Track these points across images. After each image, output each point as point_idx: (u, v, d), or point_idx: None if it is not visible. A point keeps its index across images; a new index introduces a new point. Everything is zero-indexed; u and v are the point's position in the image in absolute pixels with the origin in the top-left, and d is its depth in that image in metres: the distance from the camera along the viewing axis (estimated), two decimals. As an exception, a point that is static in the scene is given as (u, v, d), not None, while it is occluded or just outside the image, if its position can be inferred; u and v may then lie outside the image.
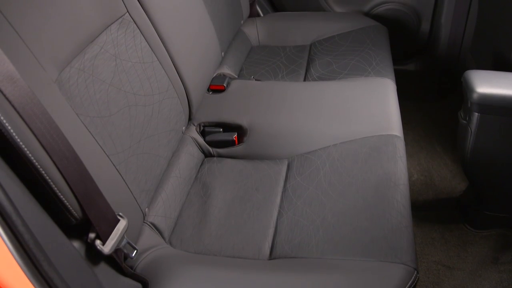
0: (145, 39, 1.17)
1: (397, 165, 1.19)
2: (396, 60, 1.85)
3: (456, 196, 1.71)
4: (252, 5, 2.04)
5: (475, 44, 1.84)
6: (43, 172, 0.78)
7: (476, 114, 1.25)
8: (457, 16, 1.98)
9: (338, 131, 1.32)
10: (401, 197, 1.11)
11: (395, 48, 1.92)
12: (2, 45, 0.76)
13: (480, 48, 1.74)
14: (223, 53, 1.67)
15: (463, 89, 1.28)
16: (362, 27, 1.91)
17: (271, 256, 1.05)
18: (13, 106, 0.74)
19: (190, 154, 1.31)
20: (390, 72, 1.61)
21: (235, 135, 1.36)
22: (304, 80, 1.68)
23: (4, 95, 0.73)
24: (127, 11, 1.14)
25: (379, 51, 1.74)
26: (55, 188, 0.80)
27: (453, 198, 1.71)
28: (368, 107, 1.39)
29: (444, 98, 2.22)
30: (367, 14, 2.14)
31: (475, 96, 1.21)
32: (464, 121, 1.32)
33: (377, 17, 2.09)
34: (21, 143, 0.74)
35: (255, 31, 1.97)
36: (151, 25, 1.22)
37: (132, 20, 1.14)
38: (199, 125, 1.40)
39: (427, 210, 1.68)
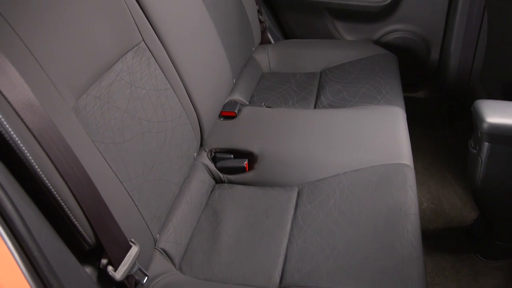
0: (159, 67, 1.20)
1: (407, 194, 1.19)
2: (406, 87, 1.87)
3: (467, 225, 1.70)
4: (263, 32, 2.08)
5: (484, 72, 1.85)
6: (58, 197, 0.80)
7: (486, 144, 1.25)
8: (466, 44, 2.00)
9: (348, 159, 1.33)
10: (411, 227, 1.10)
11: (405, 75, 1.94)
12: (24, 73, 0.78)
13: (489, 76, 1.75)
14: (234, 80, 1.70)
15: (473, 119, 1.29)
16: (372, 55, 1.93)
17: (281, 285, 1.04)
18: (32, 133, 0.76)
19: (201, 180, 1.32)
20: (400, 100, 1.63)
21: (246, 162, 1.37)
22: (315, 107, 1.70)
23: (24, 123, 0.75)
24: (143, 40, 1.17)
25: (389, 79, 1.75)
26: (70, 214, 0.81)
27: (464, 227, 1.70)
28: (378, 136, 1.40)
29: (453, 125, 2.22)
30: (377, 42, 2.17)
31: (485, 126, 1.22)
32: (474, 151, 1.32)
33: (386, 45, 2.11)
34: (38, 169, 0.76)
35: (266, 58, 2.00)
36: (165, 53, 1.24)
37: (147, 48, 1.17)
38: (211, 151, 1.42)
39: (437, 239, 1.67)
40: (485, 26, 1.87)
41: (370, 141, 1.38)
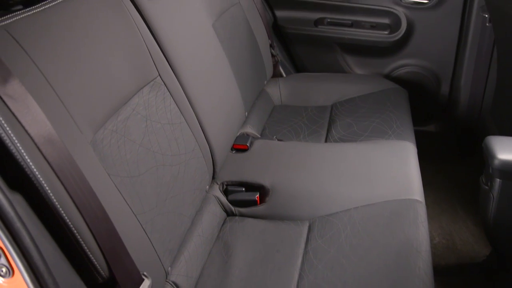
0: (174, 101, 1.23)
1: (419, 230, 1.19)
2: (416, 121, 1.88)
3: (479, 261, 1.68)
4: (275, 66, 2.11)
5: (494, 107, 1.86)
6: (74, 231, 0.81)
7: (498, 180, 1.25)
8: (476, 79, 2.02)
9: (359, 194, 1.33)
10: (423, 264, 1.10)
11: (415, 109, 1.96)
12: (45, 107, 0.81)
13: (500, 110, 1.76)
14: (246, 113, 1.72)
15: (484, 155, 1.29)
16: (382, 89, 1.96)
17: (292, 321, 1.04)
18: (51, 167, 0.78)
19: (213, 213, 1.33)
20: (410, 135, 1.64)
21: (257, 195, 1.38)
22: (326, 141, 1.71)
23: (44, 157, 0.77)
24: (159, 75, 1.20)
25: (400, 113, 1.77)
26: (85, 247, 0.83)
27: (476, 263, 1.68)
28: (389, 171, 1.41)
29: (464, 159, 2.22)
30: (387, 77, 2.20)
31: (496, 162, 1.22)
32: (486, 187, 1.32)
33: (397, 80, 2.14)
34: (56, 202, 0.78)
35: (277, 91, 2.03)
36: (180, 87, 1.27)
37: (163, 83, 1.20)
38: (222, 184, 1.43)
39: (449, 275, 1.65)
40: (495, 61, 1.90)
41: (381, 176, 1.39)
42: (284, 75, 2.20)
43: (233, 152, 1.58)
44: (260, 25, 1.98)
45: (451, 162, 2.22)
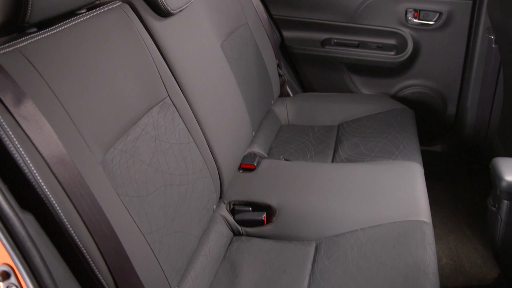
0: (183, 121, 1.24)
1: (426, 252, 1.19)
2: (423, 141, 1.89)
3: (488, 284, 1.67)
4: (282, 86, 2.13)
5: (501, 128, 1.87)
6: (83, 250, 0.82)
7: (506, 202, 1.25)
8: (483, 99, 2.02)
9: (366, 214, 1.33)
10: (430, 287, 1.09)
11: (422, 129, 1.96)
12: (57, 128, 0.83)
13: (506, 131, 1.76)
14: (254, 132, 1.73)
15: (491, 176, 1.29)
16: (389, 109, 1.96)
17: None
18: (63, 187, 0.80)
19: (219, 233, 1.33)
20: (417, 155, 1.64)
21: (264, 215, 1.39)
22: (332, 161, 1.72)
23: (56, 178, 0.79)
24: (168, 95, 1.22)
25: (406, 134, 1.77)
26: (93, 266, 0.84)
27: (485, 285, 1.67)
28: (396, 191, 1.41)
29: (472, 179, 2.21)
30: (394, 97, 2.21)
31: (504, 184, 1.22)
32: (494, 208, 1.31)
33: (403, 100, 2.15)
34: (67, 223, 0.79)
35: (284, 111, 2.05)
36: (189, 108, 1.29)
37: (172, 103, 1.22)
38: (229, 203, 1.44)
39: (457, 297, 1.64)
40: (501, 82, 1.91)
41: (388, 197, 1.39)
42: (291, 94, 2.22)
43: (240, 171, 1.59)
44: (267, 45, 2.00)
45: (458, 182, 2.22)
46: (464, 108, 2.10)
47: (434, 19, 2.02)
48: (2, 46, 0.83)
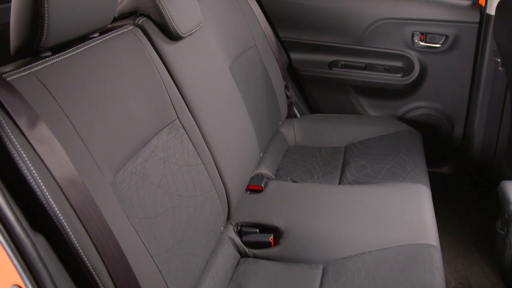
0: (192, 143, 1.26)
1: (434, 276, 1.18)
2: (430, 162, 1.88)
3: (497, 309, 1.65)
4: (289, 107, 2.15)
5: (509, 149, 1.87)
6: (93, 272, 0.83)
7: (514, 226, 1.25)
8: (490, 121, 2.03)
9: (373, 237, 1.33)
10: (439, 311, 1.09)
11: (429, 151, 1.97)
12: (68, 150, 0.84)
13: (514, 154, 1.76)
14: (261, 153, 1.74)
15: (499, 200, 1.29)
16: (396, 131, 1.97)
17: None
18: (73, 209, 0.81)
19: (227, 255, 1.33)
20: (424, 178, 1.64)
21: (271, 237, 1.39)
22: (340, 182, 1.72)
23: (67, 199, 0.80)
24: (177, 117, 1.23)
25: (413, 156, 1.78)
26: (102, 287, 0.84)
27: (493, 310, 1.65)
28: (404, 214, 1.41)
29: (479, 201, 2.20)
30: (401, 118, 2.21)
31: (512, 208, 1.22)
32: (502, 232, 1.31)
33: (410, 122, 2.16)
34: (77, 244, 0.80)
35: (292, 132, 2.06)
36: (198, 130, 1.31)
37: (181, 125, 1.24)
38: (237, 224, 1.44)
39: (466, 322, 1.62)
40: (508, 103, 1.91)
41: (395, 220, 1.39)
42: (299, 116, 2.24)
43: (248, 192, 1.59)
44: (275, 67, 2.03)
45: (466, 204, 2.21)
46: (471, 130, 2.10)
47: (441, 42, 2.04)
48: (18, 70, 0.85)
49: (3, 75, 0.82)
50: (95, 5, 0.97)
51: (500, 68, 1.88)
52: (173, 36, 1.30)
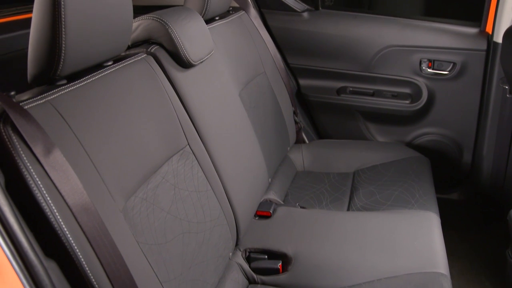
0: (202, 169, 1.27)
1: (444, 306, 1.17)
2: (439, 188, 1.88)
3: (507, 338, 1.62)
4: (298, 132, 2.16)
5: (518, 177, 1.86)
6: (103, 299, 0.83)
7: (525, 255, 1.24)
8: (499, 147, 2.02)
9: (382, 265, 1.32)
10: None
11: (438, 177, 1.96)
12: (82, 176, 0.86)
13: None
14: (270, 179, 1.75)
15: (509, 228, 1.29)
16: (405, 157, 1.97)
17: None
18: (86, 236, 0.82)
19: (235, 281, 1.33)
20: (433, 205, 1.64)
21: (280, 263, 1.39)
22: (348, 209, 1.72)
23: (80, 226, 0.81)
24: (188, 144, 1.25)
25: (422, 182, 1.77)
26: (112, 315, 0.84)
27: None
28: (413, 242, 1.40)
29: (489, 228, 2.18)
30: (409, 145, 2.22)
31: (522, 237, 1.22)
32: (512, 261, 1.30)
33: (419, 148, 2.16)
34: (88, 271, 0.81)
35: (300, 157, 2.07)
36: (207, 156, 1.32)
37: (191, 151, 1.25)
38: (245, 250, 1.44)
39: None
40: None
41: (404, 247, 1.38)
42: (307, 141, 2.25)
43: (256, 218, 1.59)
44: (284, 93, 2.05)
45: (475, 231, 2.19)
46: (480, 156, 2.10)
47: (448, 69, 2.06)
48: (35, 99, 0.87)
49: (21, 103, 0.84)
50: (110, 34, 1.00)
51: (508, 95, 1.88)
52: (184, 64, 1.32)
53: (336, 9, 2.24)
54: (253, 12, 2.02)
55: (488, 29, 1.97)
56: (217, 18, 1.73)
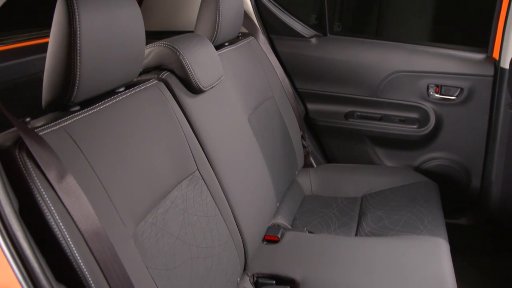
0: (211, 194, 1.28)
1: (454, 334, 1.16)
2: (447, 213, 1.87)
3: None
4: (306, 157, 2.17)
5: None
6: (112, 324, 0.84)
7: (536, 283, 1.23)
8: (508, 173, 2.02)
9: (391, 292, 1.32)
10: None
11: (446, 202, 1.95)
12: (93, 201, 0.87)
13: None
14: (278, 203, 1.76)
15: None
16: (413, 182, 1.97)
17: None
18: (96, 261, 0.83)
19: (243, 306, 1.33)
20: (442, 231, 1.63)
21: (288, 289, 1.38)
22: (356, 234, 1.72)
23: (91, 251, 0.82)
24: (197, 169, 1.26)
25: (431, 208, 1.77)
26: None
27: None
28: (422, 269, 1.39)
29: (500, 255, 2.16)
30: (417, 169, 2.22)
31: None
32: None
33: (427, 172, 2.16)
34: (99, 297, 0.82)
35: (308, 181, 2.07)
36: (216, 181, 1.33)
37: (201, 176, 1.26)
38: (253, 276, 1.44)
39: None
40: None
41: (413, 274, 1.37)
42: (315, 165, 2.25)
43: (264, 243, 1.59)
44: (292, 117, 2.07)
45: (485, 256, 2.16)
46: (489, 181, 2.09)
47: (456, 94, 2.07)
48: (49, 125, 0.89)
49: (36, 130, 0.86)
50: (123, 62, 1.03)
51: (516, 120, 1.89)
52: (195, 90, 1.35)
53: (343, 35, 2.27)
54: (262, 37, 2.05)
55: (495, 55, 1.99)
56: (226, 44, 1.76)
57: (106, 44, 0.94)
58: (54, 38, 0.90)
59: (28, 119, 0.88)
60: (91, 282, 0.81)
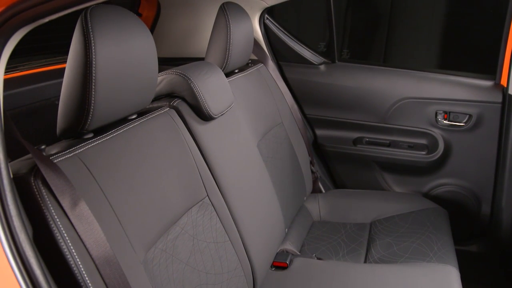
0: (220, 220, 1.29)
1: None
2: (457, 240, 1.86)
3: None
4: (315, 182, 2.18)
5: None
6: None
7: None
8: (518, 200, 2.01)
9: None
10: None
11: (456, 228, 1.94)
12: (105, 228, 0.88)
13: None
14: (286, 229, 1.76)
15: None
16: (422, 208, 1.97)
17: None
18: (107, 288, 0.83)
19: (251, 334, 1.32)
20: (452, 258, 1.62)
21: (297, 317, 1.38)
22: (365, 260, 1.71)
23: (102, 278, 0.83)
24: (207, 195, 1.27)
25: (440, 235, 1.76)
26: None
27: None
28: (432, 297, 1.38)
29: (510, 282, 2.13)
30: (426, 195, 2.21)
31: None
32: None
33: (436, 199, 2.15)
34: (109, 324, 0.82)
35: (317, 207, 2.08)
36: (226, 207, 1.34)
37: (210, 203, 1.27)
38: (262, 302, 1.44)
39: None
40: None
41: (423, 302, 1.37)
42: (324, 191, 2.25)
43: (273, 269, 1.59)
44: (301, 143, 2.08)
45: (495, 284, 2.13)
46: (499, 208, 2.08)
47: (464, 120, 2.08)
48: (64, 152, 0.91)
49: (51, 157, 0.88)
50: (136, 90, 1.05)
51: (525, 147, 1.89)
52: (205, 117, 1.37)
53: (352, 62, 2.30)
54: (271, 64, 2.08)
55: (503, 81, 2.00)
56: (236, 70, 1.79)
57: (120, 73, 0.97)
58: (70, 68, 0.92)
59: (43, 147, 0.90)
60: (102, 309, 0.82)
